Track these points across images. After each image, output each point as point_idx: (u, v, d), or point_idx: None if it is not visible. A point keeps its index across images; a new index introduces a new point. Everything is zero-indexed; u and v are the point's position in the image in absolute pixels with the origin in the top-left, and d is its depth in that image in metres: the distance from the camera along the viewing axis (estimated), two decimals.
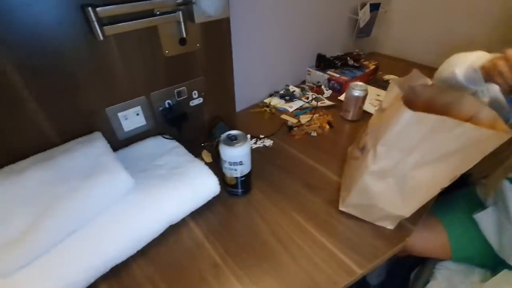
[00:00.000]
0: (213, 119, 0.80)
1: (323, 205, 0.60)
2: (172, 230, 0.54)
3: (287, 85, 1.03)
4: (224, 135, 0.55)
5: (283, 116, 0.90)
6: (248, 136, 0.80)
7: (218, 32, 0.67)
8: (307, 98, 0.99)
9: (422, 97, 0.57)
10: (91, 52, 0.51)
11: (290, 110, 0.93)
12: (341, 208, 0.58)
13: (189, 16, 0.59)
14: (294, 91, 1.03)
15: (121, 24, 0.50)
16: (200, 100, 0.73)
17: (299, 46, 1.06)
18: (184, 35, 0.60)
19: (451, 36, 1.22)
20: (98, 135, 0.55)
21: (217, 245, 0.52)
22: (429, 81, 0.54)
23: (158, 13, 0.55)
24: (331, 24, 1.14)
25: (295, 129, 0.83)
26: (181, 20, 0.58)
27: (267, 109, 0.93)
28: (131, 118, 0.62)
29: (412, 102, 0.56)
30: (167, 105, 0.67)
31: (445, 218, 0.82)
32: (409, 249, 0.85)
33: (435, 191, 0.50)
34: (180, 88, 0.68)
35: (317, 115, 0.90)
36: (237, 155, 0.53)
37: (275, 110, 0.94)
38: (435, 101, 0.56)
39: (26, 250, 0.39)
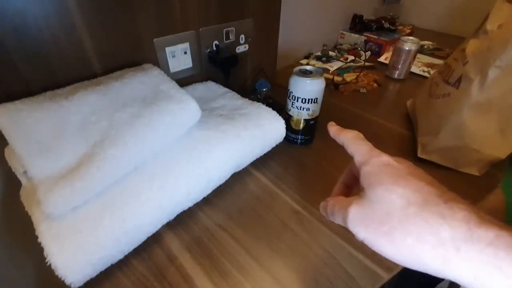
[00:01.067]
0: (256, 71, 0.73)
1: (396, 154, 0.54)
2: (236, 179, 0.47)
3: (325, 45, 0.96)
4: (296, 69, 0.48)
5: (326, 75, 0.83)
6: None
7: None
8: (346, 59, 0.92)
9: None
10: None
11: (332, 69, 0.86)
12: (421, 156, 0.51)
13: None
14: (330, 52, 0.96)
15: None
16: (246, 47, 0.66)
17: (332, 7, 0.98)
18: None
19: (471, 5, 1.16)
20: (150, 65, 0.46)
21: (290, 193, 0.45)
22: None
23: None
24: None
25: (342, 85, 0.77)
26: None
27: None
28: (178, 57, 0.54)
29: None
30: (214, 48, 0.59)
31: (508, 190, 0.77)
32: None
33: None
34: (229, 28, 0.60)
35: (362, 73, 0.83)
36: (313, 90, 0.46)
37: None
38: None
39: (87, 183, 0.32)
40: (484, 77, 0.41)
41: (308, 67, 0.49)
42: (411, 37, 0.79)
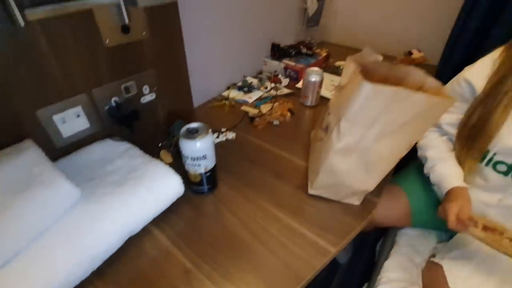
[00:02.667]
0: (169, 116, 0.74)
1: (293, 191, 0.60)
2: (133, 242, 0.48)
3: (245, 76, 1.01)
4: (183, 129, 0.51)
5: (244, 108, 0.88)
6: (210, 130, 0.76)
7: (166, 18, 0.62)
8: (266, 87, 0.98)
9: (376, 73, 0.60)
10: (12, 42, 0.42)
11: (250, 101, 0.91)
12: (310, 192, 0.58)
13: (131, 1, 0.53)
14: (251, 82, 1.02)
15: (46, 6, 0.43)
16: (153, 95, 0.67)
17: (253, 36, 1.04)
18: (127, 22, 0.54)
19: (389, 25, 1.31)
20: (29, 143, 0.46)
21: (186, 250, 0.48)
22: (380, 57, 0.56)
23: None
24: (283, 14, 1.14)
25: (257, 119, 0.82)
26: (121, 2, 0.51)
27: (226, 102, 0.90)
28: (71, 121, 0.54)
29: (367, 78, 0.58)
30: (114, 103, 0.59)
31: (406, 185, 0.88)
32: (375, 221, 0.90)
33: (395, 161, 0.52)
34: (128, 83, 0.61)
35: (277, 103, 0.89)
36: (200, 149, 0.50)
37: (235, 103, 0.91)
38: (387, 77, 0.58)
39: None
40: (338, 128, 0.47)
41: (195, 125, 0.52)
42: (315, 69, 0.87)
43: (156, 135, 0.72)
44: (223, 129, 0.77)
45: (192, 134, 0.50)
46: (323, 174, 0.53)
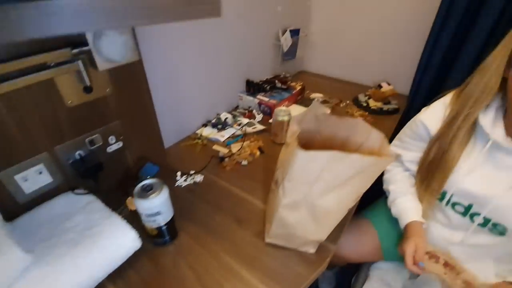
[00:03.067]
0: (139, 160, 0.77)
1: (252, 238, 0.61)
2: None
3: (218, 114, 1.05)
4: (138, 187, 0.53)
5: (215, 147, 0.91)
6: (179, 173, 0.79)
7: (130, 74, 0.65)
8: (239, 124, 1.01)
9: (325, 127, 0.63)
10: None
11: (222, 139, 0.94)
12: (267, 240, 0.59)
13: (92, 64, 0.56)
14: (227, 118, 1.05)
15: (6, 83, 0.46)
16: (120, 144, 0.70)
17: (229, 73, 1.09)
18: (88, 84, 0.57)
19: (362, 57, 1.37)
20: None
21: None
22: (328, 110, 0.60)
23: (52, 64, 0.52)
24: (258, 50, 1.20)
25: (226, 160, 0.84)
26: (82, 69, 0.55)
27: (199, 141, 0.93)
28: (33, 178, 0.56)
29: (314, 136, 0.62)
30: (78, 157, 0.62)
31: (375, 219, 0.90)
32: (346, 258, 0.91)
33: (343, 212, 0.54)
34: (93, 136, 0.64)
35: (248, 141, 0.92)
36: (153, 207, 0.52)
37: (207, 141, 0.94)
38: (337, 131, 0.62)
39: None
40: (283, 186, 0.50)
41: (150, 182, 0.54)
42: (283, 108, 0.91)
43: (125, 181, 0.74)
44: (191, 172, 0.79)
45: (146, 191, 0.52)
46: (275, 225, 0.55)
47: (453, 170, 0.63)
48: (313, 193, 0.50)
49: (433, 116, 0.67)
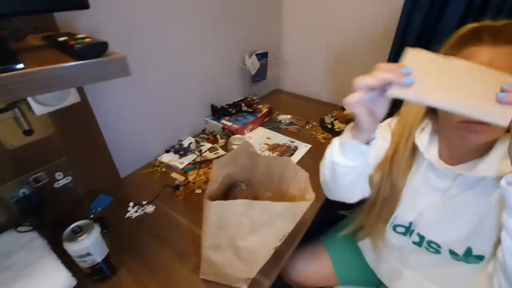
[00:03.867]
0: (90, 193, 0.79)
1: (189, 274, 0.62)
2: None
3: (180, 140, 1.07)
4: (68, 229, 0.55)
5: (173, 174, 0.93)
6: (131, 203, 0.81)
7: (74, 115, 0.68)
8: (200, 151, 1.03)
9: (260, 163, 0.65)
10: None
11: (181, 166, 0.96)
12: (201, 277, 0.61)
13: (30, 108, 0.59)
14: (191, 143, 1.07)
15: None
16: (68, 179, 0.72)
17: (194, 98, 1.11)
18: (27, 128, 0.60)
19: (333, 71, 1.40)
20: None
21: None
22: (257, 150, 0.62)
23: None
24: (225, 73, 1.23)
25: (181, 188, 0.86)
26: (19, 115, 0.58)
27: (158, 168, 0.95)
28: None
29: (251, 172, 0.64)
30: (22, 195, 0.64)
31: (329, 245, 0.91)
32: (302, 284, 0.92)
33: (269, 251, 0.56)
34: (37, 175, 0.66)
35: (206, 168, 0.94)
36: (81, 249, 0.53)
37: (167, 168, 0.96)
38: (271, 168, 0.64)
39: None
40: (203, 229, 0.52)
41: (80, 223, 0.56)
42: (238, 136, 0.93)
43: (76, 214, 0.76)
44: (143, 202, 0.81)
45: (76, 234, 0.54)
46: (203, 263, 0.57)
47: (400, 196, 0.63)
48: (235, 236, 0.52)
49: (381, 132, 0.65)
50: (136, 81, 0.86)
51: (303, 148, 1.06)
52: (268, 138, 1.13)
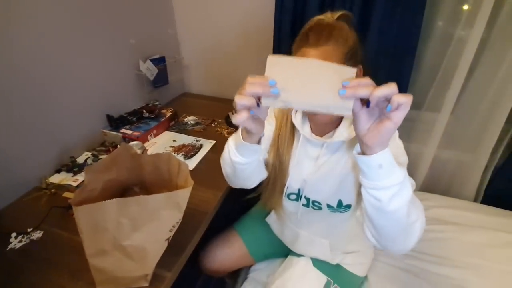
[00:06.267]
0: None
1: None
2: None
3: (72, 157, 0.99)
4: None
5: (66, 194, 0.86)
6: (13, 234, 0.72)
7: None
8: None
9: (146, 163, 0.67)
10: None
11: (75, 184, 0.89)
12: (98, 287, 0.59)
13: None
14: (87, 157, 1.01)
15: None
16: None
17: (86, 111, 1.04)
18: None
19: (231, 69, 1.49)
20: None
21: None
22: (138, 151, 0.64)
23: None
24: (119, 81, 1.19)
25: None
26: None
27: (46, 191, 0.86)
28: None
29: (141, 173, 0.65)
30: None
31: (240, 230, 0.98)
32: (221, 270, 0.98)
33: (162, 244, 0.58)
34: None
35: None
36: None
37: (57, 189, 0.88)
38: (158, 166, 0.67)
39: None
40: (82, 238, 0.51)
41: None
42: (135, 142, 0.92)
43: None
44: (29, 229, 0.74)
45: None
46: (94, 274, 0.56)
47: (288, 169, 0.72)
48: (118, 237, 0.52)
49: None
50: (11, 97, 0.77)
51: (208, 144, 1.11)
52: (174, 140, 1.14)
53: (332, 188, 0.68)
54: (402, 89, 0.54)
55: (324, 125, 0.67)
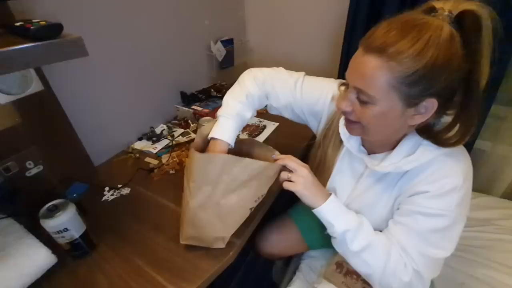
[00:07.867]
0: (65, 180, 0.81)
1: (166, 242, 0.67)
2: None
3: (151, 127, 1.10)
4: (44, 208, 0.58)
5: (147, 159, 0.96)
6: (107, 188, 0.84)
7: (40, 104, 0.69)
8: (172, 136, 1.07)
9: (242, 144, 0.71)
10: None
11: (154, 151, 0.99)
12: (182, 242, 0.65)
13: None
14: (163, 129, 1.10)
15: None
16: (40, 168, 0.74)
17: (163, 86, 1.14)
18: None
19: (295, 56, 1.47)
20: None
21: None
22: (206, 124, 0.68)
23: None
24: (192, 61, 1.26)
25: (155, 171, 0.90)
26: None
27: (131, 155, 0.97)
28: None
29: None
30: None
31: (295, 215, 0.98)
32: (277, 255, 1.00)
33: (245, 211, 0.62)
34: (8, 163, 0.67)
35: (179, 151, 0.98)
36: (57, 225, 0.57)
37: (140, 154, 0.99)
38: (251, 149, 0.70)
39: None
40: (189, 187, 0.57)
41: (55, 202, 0.59)
42: (207, 118, 0.98)
43: (51, 200, 0.77)
44: (119, 185, 0.85)
45: (51, 212, 0.57)
46: (187, 226, 0.61)
47: (332, 171, 0.70)
48: (216, 194, 0.57)
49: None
50: (104, 72, 0.88)
51: (271, 126, 1.13)
52: None
53: (366, 216, 0.64)
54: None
55: (377, 144, 0.61)
